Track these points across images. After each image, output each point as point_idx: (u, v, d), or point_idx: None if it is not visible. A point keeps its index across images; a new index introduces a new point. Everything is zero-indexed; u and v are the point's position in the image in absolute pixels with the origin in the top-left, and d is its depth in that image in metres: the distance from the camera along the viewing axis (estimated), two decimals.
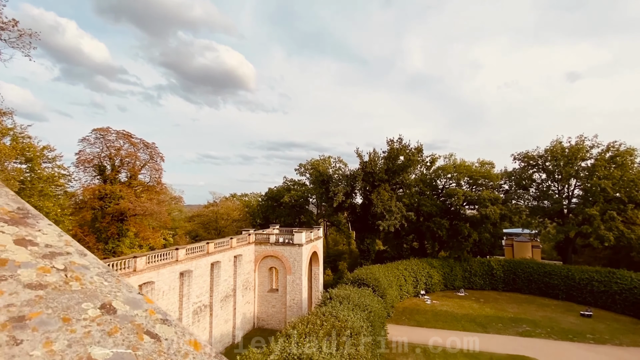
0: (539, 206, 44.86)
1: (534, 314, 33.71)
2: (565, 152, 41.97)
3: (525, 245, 51.83)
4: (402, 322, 32.52)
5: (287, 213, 57.85)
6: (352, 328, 19.03)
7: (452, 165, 47.15)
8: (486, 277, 42.82)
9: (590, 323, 30.82)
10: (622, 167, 38.00)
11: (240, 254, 29.68)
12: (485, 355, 25.12)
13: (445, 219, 44.23)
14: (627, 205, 36.60)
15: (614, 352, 25.05)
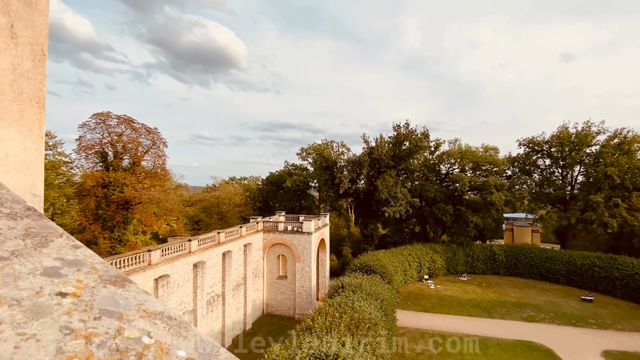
0: (542, 192, 45.14)
1: (536, 299, 34.55)
2: (571, 138, 41.81)
3: (526, 230, 52.59)
4: (409, 307, 33.09)
5: (288, 198, 57.59)
6: (369, 320, 19.10)
7: (457, 151, 46.78)
8: (488, 261, 43.56)
9: (592, 308, 31.72)
10: (629, 154, 38.02)
11: (250, 243, 29.52)
12: (493, 341, 25.76)
13: (450, 205, 44.37)
14: (631, 193, 36.92)
15: (617, 337, 25.87)
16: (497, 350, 24.45)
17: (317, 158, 46.17)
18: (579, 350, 24.04)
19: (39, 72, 1.72)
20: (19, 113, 1.64)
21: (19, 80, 1.63)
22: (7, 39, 1.58)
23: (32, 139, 1.69)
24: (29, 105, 1.69)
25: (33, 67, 1.70)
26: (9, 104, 1.60)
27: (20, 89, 1.65)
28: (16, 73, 1.62)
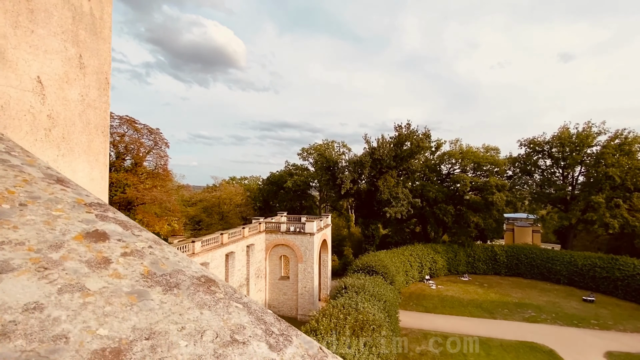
0: (543, 192, 45.26)
1: (537, 299, 34.64)
2: (572, 139, 41.92)
3: (526, 230, 52.73)
4: (411, 307, 33.14)
5: (289, 198, 57.62)
6: (373, 321, 19.10)
7: (458, 151, 46.83)
8: (489, 262, 43.65)
9: (594, 308, 31.83)
10: (630, 155, 38.13)
11: (253, 244, 29.52)
12: (495, 342, 25.81)
13: (451, 205, 44.42)
14: (632, 193, 37.04)
15: (619, 337, 25.98)
16: (500, 352, 24.51)
17: (319, 158, 46.17)
18: (581, 352, 24.12)
19: (104, 101, 1.71)
20: (87, 143, 1.63)
21: (87, 110, 1.62)
22: (76, 70, 1.58)
23: (98, 168, 1.68)
24: (96, 135, 1.68)
25: (99, 97, 1.69)
26: (78, 135, 1.59)
27: (88, 119, 1.64)
28: (84, 103, 1.62)
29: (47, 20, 1.45)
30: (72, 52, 1.55)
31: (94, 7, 1.64)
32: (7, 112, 1.31)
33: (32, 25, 1.40)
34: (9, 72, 1.32)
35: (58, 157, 1.49)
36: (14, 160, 0.89)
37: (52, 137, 1.48)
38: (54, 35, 1.48)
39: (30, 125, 1.39)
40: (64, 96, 1.52)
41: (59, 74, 1.50)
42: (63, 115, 1.51)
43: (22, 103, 1.37)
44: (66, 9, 1.51)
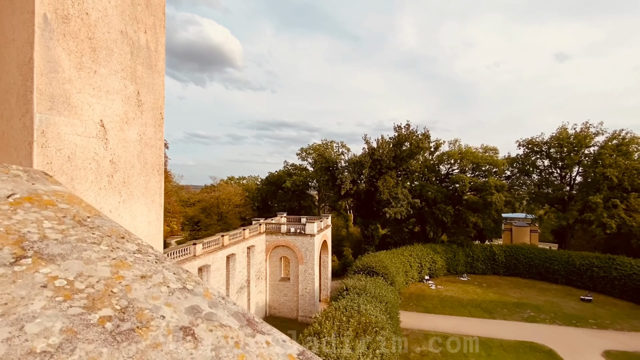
0: (541, 192, 45.55)
1: (536, 299, 34.89)
2: (570, 139, 42.21)
3: (524, 230, 53.07)
4: (411, 308, 33.22)
5: (288, 198, 57.52)
6: (376, 323, 19.11)
7: (457, 152, 46.97)
8: (488, 262, 43.88)
9: (591, 308, 32.11)
10: (627, 155, 38.47)
11: (253, 245, 29.41)
12: (495, 342, 25.95)
13: (450, 205, 44.57)
14: (629, 194, 37.39)
15: (617, 336, 26.24)
16: (500, 352, 24.64)
17: (318, 159, 46.10)
18: (580, 351, 24.33)
19: (159, 138, 1.62)
20: (145, 185, 1.54)
21: (144, 150, 1.53)
22: (135, 108, 1.48)
23: (155, 210, 1.59)
24: (152, 175, 1.58)
25: (154, 134, 1.59)
26: (137, 177, 1.50)
27: (146, 159, 1.54)
28: (142, 143, 1.52)
29: (108, 58, 1.36)
30: (130, 89, 1.46)
31: (150, 39, 1.54)
32: (74, 162, 1.21)
33: (95, 65, 1.30)
34: (74, 118, 1.22)
35: (119, 204, 1.39)
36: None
37: (114, 183, 1.38)
38: (115, 74, 1.38)
39: (95, 173, 1.30)
40: (124, 138, 1.42)
41: (119, 115, 1.40)
42: (123, 158, 1.41)
43: (87, 151, 1.28)
44: (125, 44, 1.42)
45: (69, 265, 0.65)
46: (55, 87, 1.16)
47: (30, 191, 0.74)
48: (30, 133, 1.08)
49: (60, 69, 1.17)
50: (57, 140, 1.16)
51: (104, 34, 1.33)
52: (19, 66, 1.12)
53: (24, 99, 1.11)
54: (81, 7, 1.24)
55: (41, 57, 1.10)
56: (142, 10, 1.48)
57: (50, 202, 0.71)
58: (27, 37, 1.10)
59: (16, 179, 0.78)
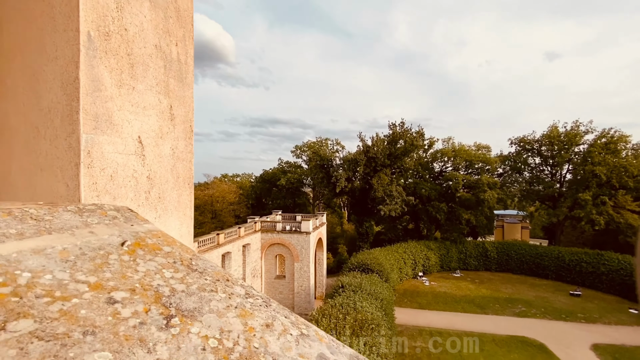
0: (532, 190, 46.32)
1: (527, 294, 35.57)
2: (561, 138, 42.94)
3: (515, 226, 53.95)
4: (405, 304, 33.57)
5: (282, 195, 57.46)
6: (372, 320, 19.27)
7: (451, 150, 47.40)
8: (480, 258, 44.53)
9: (580, 302, 32.89)
10: (615, 153, 39.32)
11: (249, 243, 29.34)
12: (488, 337, 26.41)
13: (443, 203, 45.03)
14: (617, 191, 38.27)
15: (605, 330, 26.95)
16: (492, 347, 25.07)
17: (313, 156, 46.08)
18: (569, 344, 24.92)
19: (189, 151, 1.61)
20: (177, 198, 1.53)
21: (177, 164, 1.52)
22: (168, 122, 1.47)
23: (186, 224, 1.58)
24: (184, 189, 1.57)
25: (185, 147, 1.58)
26: (170, 191, 1.49)
27: (178, 173, 1.53)
28: (174, 157, 1.51)
29: (144, 73, 1.34)
30: (164, 104, 1.44)
31: (180, 51, 1.52)
32: (116, 180, 1.20)
33: (133, 82, 1.28)
34: (116, 137, 1.21)
35: (155, 220, 1.38)
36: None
37: (151, 199, 1.37)
38: (150, 89, 1.36)
39: (134, 190, 1.28)
40: (159, 153, 1.41)
41: (154, 130, 1.38)
42: (159, 173, 1.40)
43: (127, 168, 1.26)
44: (159, 58, 1.40)
45: (208, 321, 0.65)
46: (98, 106, 1.14)
47: (134, 235, 0.73)
48: (77, 154, 1.07)
49: (103, 87, 1.16)
50: (101, 159, 1.15)
51: (140, 49, 1.31)
52: (63, 85, 1.10)
53: (70, 120, 1.09)
54: (120, 23, 1.22)
55: (86, 77, 1.08)
56: (173, 22, 1.46)
57: (156, 247, 0.71)
58: (72, 56, 1.08)
59: (116, 222, 0.77)
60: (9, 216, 0.71)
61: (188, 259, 0.78)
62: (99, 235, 0.74)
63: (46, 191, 1.13)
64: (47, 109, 1.13)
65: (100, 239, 0.72)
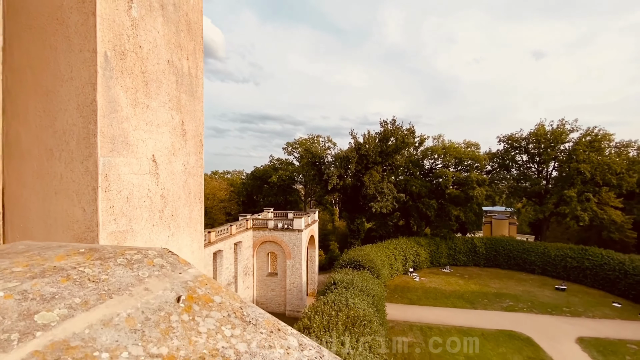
0: (520, 187, 47.29)
1: (514, 289, 36.42)
2: (547, 136, 43.87)
3: (503, 222, 55.07)
4: (396, 300, 33.98)
5: (274, 193, 57.28)
6: (364, 316, 19.45)
7: (441, 147, 47.93)
8: (469, 254, 45.33)
9: (565, 296, 33.86)
10: (599, 152, 40.40)
11: (240, 241, 29.19)
12: (477, 331, 26.97)
13: (434, 200, 45.61)
14: (601, 188, 39.38)
15: (589, 324, 27.84)
16: (481, 340, 25.58)
17: (305, 154, 46.01)
18: (555, 338, 25.66)
19: (199, 165, 1.59)
20: (189, 215, 1.51)
21: (188, 180, 1.50)
22: (180, 138, 1.45)
23: (197, 239, 1.57)
24: (194, 204, 1.55)
25: (196, 161, 1.56)
26: (182, 208, 1.47)
27: (189, 189, 1.51)
28: (186, 173, 1.49)
29: (157, 90, 1.31)
30: (176, 120, 1.41)
31: (191, 65, 1.49)
32: (132, 202, 1.18)
33: (147, 100, 1.25)
34: (132, 157, 1.18)
35: (168, 238, 1.36)
36: None
37: (165, 218, 1.35)
38: (163, 106, 1.33)
39: (149, 210, 1.26)
40: (172, 170, 1.38)
41: (167, 148, 1.36)
42: (172, 191, 1.38)
43: (142, 188, 1.24)
44: (171, 74, 1.37)
45: None
46: (115, 128, 1.11)
47: (184, 285, 0.72)
48: (94, 178, 1.04)
49: (119, 108, 1.13)
50: (118, 182, 1.12)
51: (154, 66, 1.28)
52: (79, 107, 1.06)
53: (86, 142, 1.06)
54: (135, 40, 1.18)
55: (103, 98, 1.05)
56: (184, 36, 1.43)
57: (207, 298, 0.70)
58: (89, 78, 1.05)
59: (164, 271, 0.75)
60: (68, 281, 0.70)
61: (239, 309, 0.78)
62: (154, 291, 0.73)
63: (61, 215, 1.10)
64: (62, 131, 1.10)
65: (156, 297, 0.72)
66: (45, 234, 1.08)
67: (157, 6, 1.26)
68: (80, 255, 0.75)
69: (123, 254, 0.76)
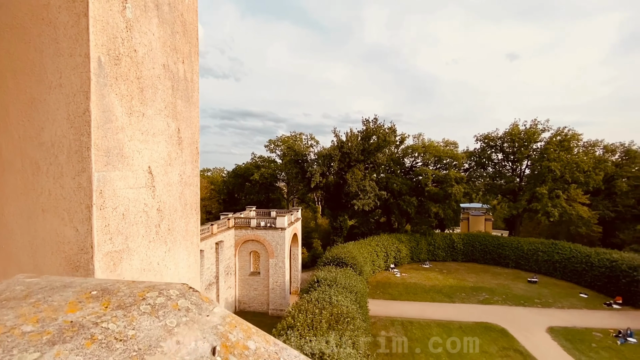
0: (495, 184, 49.08)
1: (490, 282, 37.85)
2: (521, 135, 45.70)
3: (480, 218, 57.02)
4: (378, 296, 34.53)
5: (256, 191, 56.63)
6: (347, 313, 19.62)
7: (421, 146, 48.95)
8: (448, 249, 46.69)
9: (537, 289, 35.53)
10: (568, 151, 42.53)
11: (222, 240, 28.68)
12: (455, 324, 27.87)
13: (414, 197, 46.58)
14: (570, 185, 41.50)
15: (558, 314, 29.36)
16: (459, 333, 26.47)
17: (287, 151, 45.72)
18: (528, 328, 26.90)
19: (195, 174, 1.49)
20: (185, 227, 1.42)
21: (185, 190, 1.41)
22: (176, 147, 1.35)
23: (193, 252, 1.48)
24: (191, 216, 1.46)
25: (192, 170, 1.47)
26: (179, 221, 1.38)
27: (186, 200, 1.42)
28: (182, 183, 1.40)
29: (153, 97, 1.21)
30: (172, 128, 1.31)
31: (187, 69, 1.39)
32: (128, 218, 1.08)
33: (143, 107, 1.16)
34: (127, 170, 1.09)
35: (165, 254, 1.26)
36: None
37: (161, 233, 1.25)
38: (159, 113, 1.24)
39: (145, 226, 1.16)
40: (168, 181, 1.29)
41: (163, 158, 1.26)
42: (168, 204, 1.28)
43: (138, 203, 1.14)
44: (167, 79, 1.27)
45: None
46: (110, 139, 1.01)
47: (215, 332, 0.65)
48: (88, 195, 0.94)
49: (114, 118, 1.03)
50: (113, 198, 1.02)
51: (149, 71, 1.18)
52: (69, 118, 0.96)
53: (79, 156, 0.95)
54: (130, 44, 1.08)
55: (97, 108, 0.95)
56: (180, 38, 1.33)
57: (242, 346, 0.63)
58: (81, 85, 0.94)
59: (191, 315, 0.68)
60: (93, 344, 0.58)
61: (275, 355, 0.73)
62: (186, 344, 0.65)
63: (49, 235, 0.99)
64: (50, 143, 0.99)
65: (190, 351, 0.64)
66: (32, 256, 0.97)
67: (152, 6, 1.16)
68: (95, 301, 0.65)
69: (144, 298, 0.68)
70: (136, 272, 1.09)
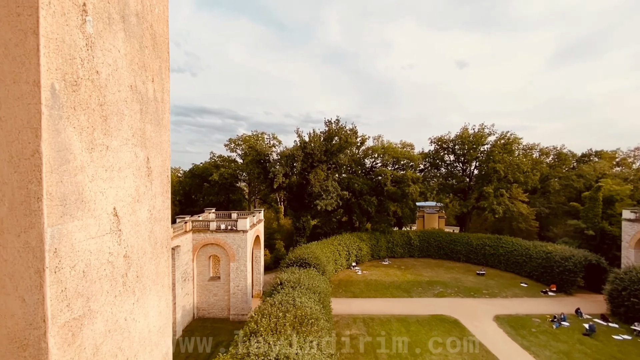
0: (447, 184, 52.28)
1: (444, 276, 40.24)
2: (470, 138, 49.14)
3: (434, 216, 60.34)
4: (340, 294, 35.05)
5: (215, 192, 54.52)
6: (311, 315, 19.64)
7: (380, 147, 50.55)
8: (406, 246, 48.81)
9: (484, 280, 38.46)
10: (510, 153, 46.59)
11: (178, 245, 27.13)
12: (412, 318, 29.22)
13: (374, 197, 48.02)
14: (512, 185, 45.49)
15: (503, 303, 32.03)
16: (416, 326, 27.79)
17: (249, 151, 44.60)
18: (477, 318, 29.01)
19: (166, 207, 1.30)
20: (155, 270, 1.22)
21: (154, 227, 1.21)
22: (145, 179, 1.16)
23: (165, 296, 1.27)
24: (162, 255, 1.26)
25: (162, 203, 1.27)
26: (148, 264, 1.18)
27: (156, 238, 1.22)
28: (152, 219, 1.20)
29: (119, 125, 1.00)
30: (141, 157, 1.11)
31: (157, 88, 1.19)
32: (89, 276, 0.87)
33: (107, 139, 0.95)
34: (89, 218, 0.88)
35: (134, 305, 1.06)
36: None
37: (129, 283, 1.05)
38: (126, 143, 1.03)
39: (110, 279, 0.96)
40: (136, 220, 1.09)
41: (131, 195, 1.06)
42: (136, 247, 1.09)
43: (102, 254, 0.94)
44: (135, 102, 1.07)
45: None
46: (67, 184, 0.81)
47: None
48: (39, 257, 0.74)
49: (72, 157, 0.82)
50: (71, 254, 0.82)
51: (114, 95, 0.98)
52: (12, 161, 0.74)
53: (26, 209, 0.74)
54: (91, 64, 0.88)
55: (50, 147, 0.75)
56: (149, 53, 1.14)
57: None
58: (28, 120, 0.73)
59: None
60: None
61: None
62: None
63: None
64: None
65: None
66: None
67: (117, 18, 0.97)
68: None
69: None
70: (100, 336, 0.90)
